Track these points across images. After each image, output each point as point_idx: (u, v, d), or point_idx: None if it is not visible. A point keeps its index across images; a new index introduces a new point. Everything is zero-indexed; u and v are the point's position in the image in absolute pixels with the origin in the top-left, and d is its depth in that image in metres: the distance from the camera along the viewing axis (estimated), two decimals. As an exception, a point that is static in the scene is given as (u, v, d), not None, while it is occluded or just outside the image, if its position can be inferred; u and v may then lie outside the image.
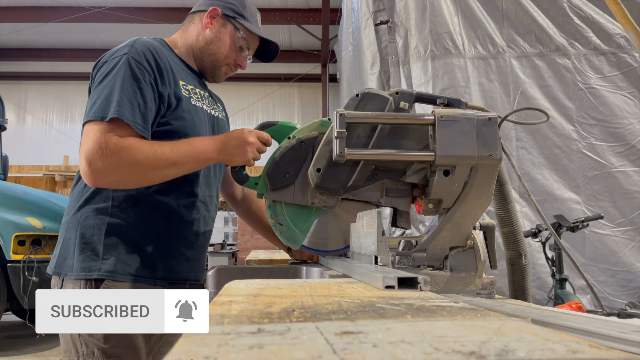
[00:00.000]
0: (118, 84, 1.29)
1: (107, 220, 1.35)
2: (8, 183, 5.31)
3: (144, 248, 1.37)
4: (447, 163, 1.15)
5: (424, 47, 3.83)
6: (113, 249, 1.34)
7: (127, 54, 1.34)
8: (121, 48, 1.38)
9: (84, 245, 1.34)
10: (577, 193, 3.63)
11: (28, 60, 11.26)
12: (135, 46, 1.36)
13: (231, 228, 10.42)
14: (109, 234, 1.34)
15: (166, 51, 1.47)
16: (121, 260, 1.34)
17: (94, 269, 1.31)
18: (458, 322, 0.47)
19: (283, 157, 1.32)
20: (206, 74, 1.63)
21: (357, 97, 1.25)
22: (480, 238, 1.23)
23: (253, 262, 1.94)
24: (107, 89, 1.29)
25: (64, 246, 1.38)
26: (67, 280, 1.34)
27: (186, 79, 1.51)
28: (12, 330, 5.78)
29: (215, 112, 1.63)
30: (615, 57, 3.72)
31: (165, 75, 1.39)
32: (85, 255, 1.33)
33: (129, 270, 1.34)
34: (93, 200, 1.37)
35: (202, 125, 1.49)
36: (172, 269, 1.42)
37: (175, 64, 1.48)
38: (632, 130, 3.62)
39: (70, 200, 1.45)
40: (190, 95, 1.47)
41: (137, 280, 1.35)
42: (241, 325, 0.45)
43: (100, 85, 1.31)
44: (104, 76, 1.32)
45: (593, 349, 0.34)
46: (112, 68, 1.33)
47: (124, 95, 1.28)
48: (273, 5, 9.40)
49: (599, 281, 3.51)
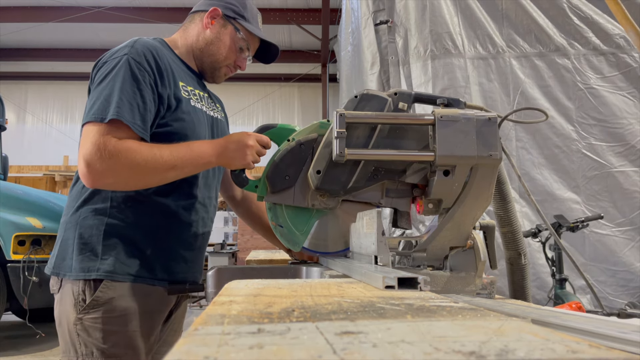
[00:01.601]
0: (118, 85, 1.28)
1: (106, 220, 1.35)
2: (8, 183, 5.31)
3: (142, 249, 1.37)
4: (447, 163, 1.15)
5: (424, 47, 3.83)
6: (112, 249, 1.33)
7: (127, 55, 1.33)
8: (121, 48, 1.37)
9: (82, 245, 1.34)
10: (577, 193, 3.63)
11: (28, 60, 11.26)
12: (136, 47, 1.36)
13: (231, 228, 10.43)
14: (107, 234, 1.34)
15: (166, 51, 1.47)
16: (120, 260, 1.33)
17: (93, 269, 1.31)
18: (458, 322, 0.47)
19: (283, 160, 1.32)
20: (206, 75, 1.62)
21: (355, 99, 1.24)
22: (480, 238, 1.23)
23: (253, 262, 1.94)
24: (106, 90, 1.28)
25: (62, 246, 1.38)
26: (66, 280, 1.34)
27: (186, 79, 1.50)
28: (12, 330, 5.78)
29: (214, 112, 1.63)
30: (614, 57, 3.72)
31: (165, 77, 1.39)
32: (84, 256, 1.33)
33: (128, 270, 1.34)
34: (92, 200, 1.37)
35: (201, 127, 1.48)
36: (171, 270, 1.42)
37: (175, 64, 1.47)
38: (631, 130, 3.62)
39: (68, 200, 1.45)
40: (189, 96, 1.47)
41: (136, 280, 1.35)
42: (241, 325, 0.45)
43: (100, 86, 1.30)
44: (104, 77, 1.32)
45: (593, 349, 0.34)
46: (111, 69, 1.32)
47: (124, 96, 1.27)
48: (273, 5, 9.41)
49: (598, 281, 3.51)
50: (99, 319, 1.30)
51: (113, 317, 1.31)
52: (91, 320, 1.30)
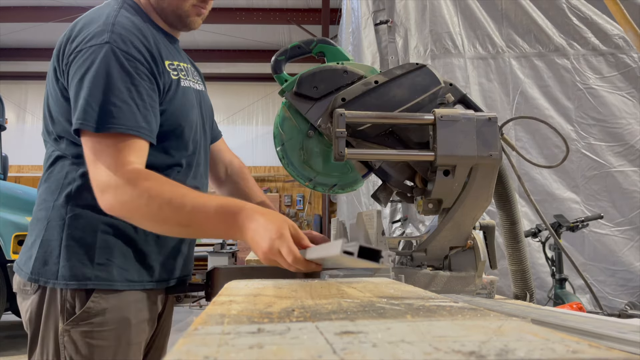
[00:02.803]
0: (107, 84, 1.10)
1: (103, 219, 1.17)
2: (8, 183, 5.31)
3: (143, 249, 1.23)
4: (447, 163, 1.15)
5: (424, 47, 3.83)
6: (108, 253, 1.18)
7: (110, 44, 1.12)
8: (96, 34, 1.14)
9: (73, 248, 1.16)
10: (576, 193, 3.64)
11: (28, 60, 11.25)
12: (116, 31, 1.14)
13: (231, 228, 10.39)
14: (104, 235, 1.18)
15: (145, 24, 1.24)
16: (118, 265, 1.18)
17: (87, 277, 1.15)
18: (458, 322, 0.47)
19: (322, 72, 1.30)
20: (177, 26, 1.35)
21: (416, 65, 1.27)
22: (480, 238, 1.23)
23: (253, 262, 1.94)
24: (95, 90, 1.10)
25: (43, 248, 1.18)
26: (51, 289, 1.16)
27: (170, 54, 1.29)
28: (12, 330, 5.78)
29: (198, 85, 1.43)
30: (614, 57, 3.73)
31: (159, 62, 1.21)
32: (75, 261, 1.15)
33: (127, 275, 1.20)
34: (82, 197, 1.17)
35: (192, 110, 1.32)
36: (171, 268, 1.30)
37: (157, 38, 1.26)
38: (630, 130, 3.62)
39: (43, 192, 1.23)
40: (178, 75, 1.29)
41: (135, 286, 1.21)
42: (241, 325, 0.45)
43: (83, 83, 1.11)
44: (85, 72, 1.12)
45: (593, 349, 0.34)
46: (91, 62, 1.12)
47: (118, 97, 1.11)
48: (273, 5, 9.41)
49: (598, 280, 3.52)
50: (89, 333, 1.15)
51: (105, 331, 1.16)
52: (80, 334, 1.14)
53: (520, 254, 1.33)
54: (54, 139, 1.23)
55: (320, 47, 1.38)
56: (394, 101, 1.22)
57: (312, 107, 1.29)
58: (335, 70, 1.30)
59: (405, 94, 1.23)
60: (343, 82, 1.29)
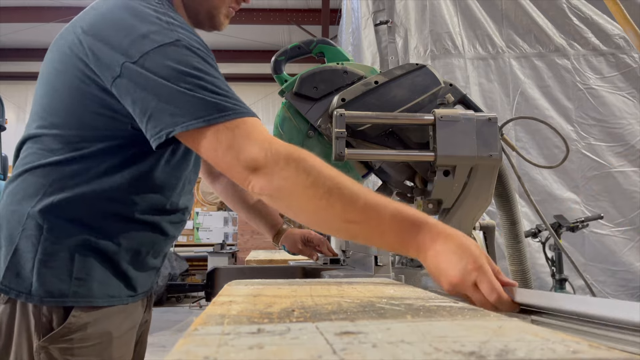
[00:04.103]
0: (207, 72, 1.00)
1: (85, 233, 1.08)
2: (7, 183, 5.30)
3: (124, 265, 1.14)
4: (447, 163, 1.15)
5: (424, 47, 3.83)
6: (89, 268, 1.08)
7: (181, 41, 1.01)
8: (155, 33, 1.01)
9: (49, 262, 1.05)
10: (577, 193, 3.63)
11: (28, 60, 11.24)
12: (181, 32, 1.03)
13: (231, 228, 10.42)
14: (85, 249, 1.08)
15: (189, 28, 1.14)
16: (98, 280, 1.09)
17: (64, 294, 1.05)
18: (458, 322, 0.47)
19: (322, 72, 1.31)
20: (204, 25, 1.29)
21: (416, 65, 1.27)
22: (480, 238, 1.23)
23: (253, 262, 1.94)
24: (202, 82, 0.97)
25: (16, 258, 1.07)
26: (23, 304, 1.05)
27: None
28: None
29: None
30: (614, 57, 3.73)
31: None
32: (51, 276, 1.05)
33: (107, 291, 1.11)
34: (61, 206, 1.07)
35: None
36: (144, 282, 1.22)
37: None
38: (631, 130, 3.62)
39: (14, 196, 1.10)
40: None
41: (114, 302, 1.13)
42: (241, 326, 0.45)
43: (174, 83, 0.97)
44: (169, 70, 0.98)
45: (593, 349, 0.34)
46: (165, 60, 0.98)
47: (223, 84, 1.01)
48: (273, 6, 9.41)
49: (598, 281, 3.52)
50: (70, 350, 1.05)
51: (86, 346, 1.07)
52: (60, 351, 1.05)
53: (520, 254, 1.33)
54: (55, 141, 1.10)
55: (320, 47, 1.38)
56: (394, 101, 1.23)
57: (312, 107, 1.30)
58: (335, 70, 1.31)
59: (405, 95, 1.23)
60: (343, 83, 1.29)
